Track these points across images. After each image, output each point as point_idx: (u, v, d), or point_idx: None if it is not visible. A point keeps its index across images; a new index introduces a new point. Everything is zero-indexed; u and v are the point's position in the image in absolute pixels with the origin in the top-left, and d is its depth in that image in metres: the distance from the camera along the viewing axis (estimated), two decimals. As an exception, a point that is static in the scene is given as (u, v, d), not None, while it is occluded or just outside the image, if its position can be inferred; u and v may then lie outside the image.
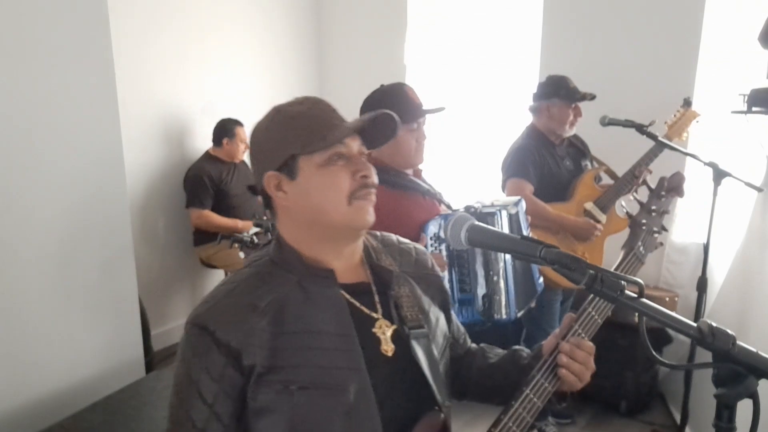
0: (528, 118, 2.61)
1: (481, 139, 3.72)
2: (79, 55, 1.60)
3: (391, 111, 0.95)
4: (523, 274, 1.77)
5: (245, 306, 0.88)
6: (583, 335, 0.99)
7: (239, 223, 3.33)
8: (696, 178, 2.92)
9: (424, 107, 1.71)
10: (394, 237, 1.13)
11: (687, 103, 2.44)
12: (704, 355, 0.77)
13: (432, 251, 1.66)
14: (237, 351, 0.85)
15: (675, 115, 2.44)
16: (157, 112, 3.36)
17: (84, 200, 1.65)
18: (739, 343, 0.72)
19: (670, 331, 2.81)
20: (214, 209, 3.36)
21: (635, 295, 0.77)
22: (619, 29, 3.09)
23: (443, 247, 1.66)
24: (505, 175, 2.51)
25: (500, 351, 1.15)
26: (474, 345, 1.20)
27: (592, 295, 1.03)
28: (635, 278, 0.78)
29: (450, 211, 1.74)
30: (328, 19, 4.22)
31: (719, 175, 2.19)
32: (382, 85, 1.76)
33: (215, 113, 3.48)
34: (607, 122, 2.30)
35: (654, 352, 0.80)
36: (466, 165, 3.79)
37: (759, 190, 2.14)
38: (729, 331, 0.73)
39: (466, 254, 1.68)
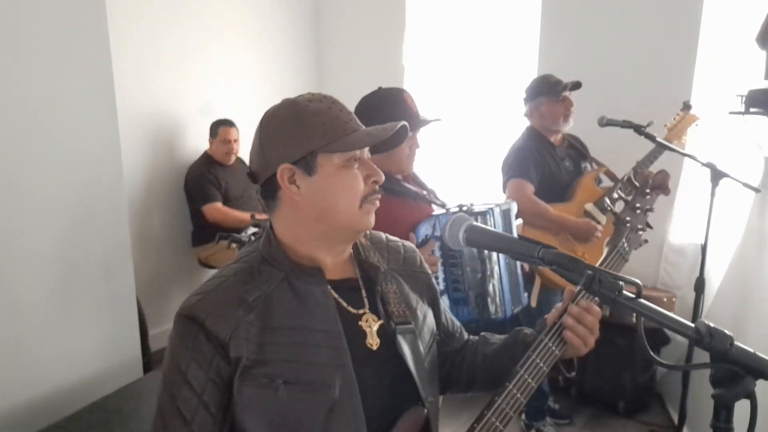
0: (527, 119, 2.62)
1: (480, 139, 3.72)
2: (77, 55, 1.60)
3: (404, 122, 0.96)
4: (515, 280, 1.77)
5: (234, 299, 0.89)
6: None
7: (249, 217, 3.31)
8: (694, 179, 2.93)
9: (421, 116, 1.70)
10: (383, 235, 1.14)
11: (687, 106, 2.44)
12: (702, 356, 0.77)
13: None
14: (225, 342, 0.86)
15: (675, 118, 2.44)
16: (156, 113, 3.35)
17: (82, 201, 1.65)
18: (737, 343, 0.73)
19: (668, 332, 2.81)
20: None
21: (633, 296, 0.77)
22: (617, 30, 3.10)
23: (437, 246, 1.66)
24: (506, 176, 2.51)
25: (501, 336, 1.16)
26: (473, 336, 1.21)
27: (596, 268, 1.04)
28: (633, 279, 0.78)
29: (443, 210, 1.74)
30: (327, 19, 4.23)
31: (717, 175, 2.19)
32: (380, 88, 1.76)
33: (213, 113, 3.48)
34: (605, 123, 2.30)
35: (652, 353, 0.80)
36: (465, 166, 3.79)
37: (757, 190, 2.14)
38: (726, 332, 0.73)
39: (460, 254, 1.67)
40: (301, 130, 0.92)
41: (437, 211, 1.75)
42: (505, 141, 2.67)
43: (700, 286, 2.32)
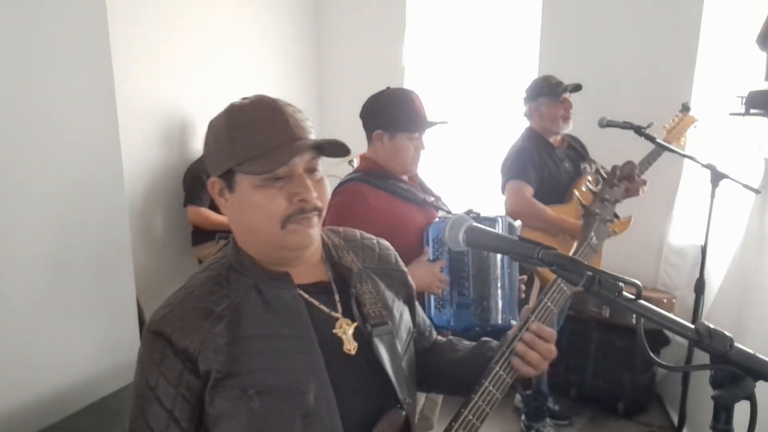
0: (527, 120, 2.62)
1: (481, 140, 3.72)
2: (77, 52, 1.60)
3: (342, 141, 0.89)
4: (515, 292, 1.77)
5: (201, 311, 0.88)
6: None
7: None
8: (694, 180, 2.93)
9: (428, 118, 1.71)
10: (357, 232, 1.12)
11: (685, 108, 2.44)
12: (702, 357, 0.77)
13: (434, 253, 1.66)
14: (193, 356, 0.85)
15: (673, 120, 2.45)
16: (157, 112, 3.35)
17: (81, 200, 1.65)
18: (737, 344, 0.72)
19: (668, 333, 2.81)
20: (215, 208, 3.36)
21: (633, 297, 0.77)
22: (617, 31, 3.10)
23: (445, 250, 1.66)
24: (505, 177, 2.51)
25: (468, 343, 1.15)
26: (441, 338, 1.20)
27: (549, 286, 1.05)
28: (633, 280, 0.78)
29: (450, 215, 1.74)
30: (327, 19, 4.23)
31: (717, 176, 2.20)
32: (388, 88, 1.76)
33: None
34: (605, 124, 2.31)
35: (652, 354, 0.80)
36: (465, 167, 3.79)
37: (757, 191, 2.15)
38: (726, 333, 0.73)
39: (466, 258, 1.67)
40: (224, 143, 0.88)
41: (444, 215, 1.76)
42: (504, 142, 2.68)
43: (700, 287, 2.32)
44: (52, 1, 1.52)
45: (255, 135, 0.86)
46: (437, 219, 1.73)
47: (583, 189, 1.25)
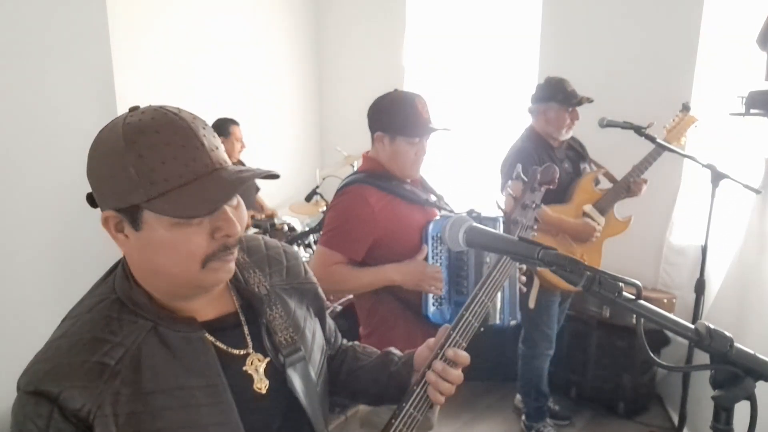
0: (527, 120, 2.61)
1: (481, 141, 3.72)
2: (77, 52, 1.60)
3: (271, 172, 0.79)
4: (514, 292, 1.77)
5: (93, 366, 0.75)
6: (462, 343, 0.99)
7: None
8: (694, 180, 2.93)
9: (431, 124, 1.71)
10: (261, 242, 1.01)
11: (686, 107, 2.44)
12: (702, 357, 0.77)
13: (433, 251, 1.67)
14: (87, 420, 0.73)
15: (674, 120, 2.44)
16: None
17: (82, 200, 1.65)
18: (737, 345, 0.72)
19: (668, 333, 2.81)
20: None
21: (633, 297, 0.77)
22: (617, 31, 3.10)
23: (444, 248, 1.66)
24: (504, 178, 2.51)
25: (372, 351, 1.13)
26: (345, 342, 1.17)
27: (469, 301, 1.03)
28: (633, 280, 0.77)
29: (452, 214, 1.74)
30: (327, 21, 4.23)
31: (717, 176, 2.20)
32: (395, 90, 1.77)
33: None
34: (605, 124, 2.31)
35: (652, 354, 0.80)
36: (465, 167, 3.79)
37: (757, 192, 2.15)
38: (726, 333, 0.73)
39: (465, 256, 1.68)
40: (125, 172, 0.72)
41: (446, 214, 1.76)
42: (504, 142, 2.67)
43: (700, 287, 2.32)
44: (53, 1, 1.53)
45: (166, 165, 0.71)
46: (437, 217, 1.73)
47: (503, 194, 1.18)
